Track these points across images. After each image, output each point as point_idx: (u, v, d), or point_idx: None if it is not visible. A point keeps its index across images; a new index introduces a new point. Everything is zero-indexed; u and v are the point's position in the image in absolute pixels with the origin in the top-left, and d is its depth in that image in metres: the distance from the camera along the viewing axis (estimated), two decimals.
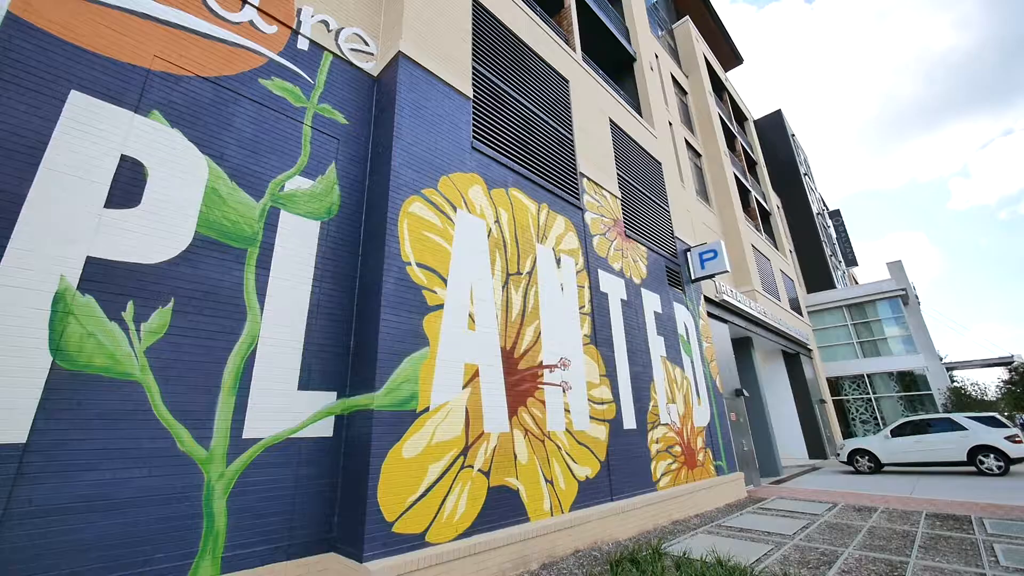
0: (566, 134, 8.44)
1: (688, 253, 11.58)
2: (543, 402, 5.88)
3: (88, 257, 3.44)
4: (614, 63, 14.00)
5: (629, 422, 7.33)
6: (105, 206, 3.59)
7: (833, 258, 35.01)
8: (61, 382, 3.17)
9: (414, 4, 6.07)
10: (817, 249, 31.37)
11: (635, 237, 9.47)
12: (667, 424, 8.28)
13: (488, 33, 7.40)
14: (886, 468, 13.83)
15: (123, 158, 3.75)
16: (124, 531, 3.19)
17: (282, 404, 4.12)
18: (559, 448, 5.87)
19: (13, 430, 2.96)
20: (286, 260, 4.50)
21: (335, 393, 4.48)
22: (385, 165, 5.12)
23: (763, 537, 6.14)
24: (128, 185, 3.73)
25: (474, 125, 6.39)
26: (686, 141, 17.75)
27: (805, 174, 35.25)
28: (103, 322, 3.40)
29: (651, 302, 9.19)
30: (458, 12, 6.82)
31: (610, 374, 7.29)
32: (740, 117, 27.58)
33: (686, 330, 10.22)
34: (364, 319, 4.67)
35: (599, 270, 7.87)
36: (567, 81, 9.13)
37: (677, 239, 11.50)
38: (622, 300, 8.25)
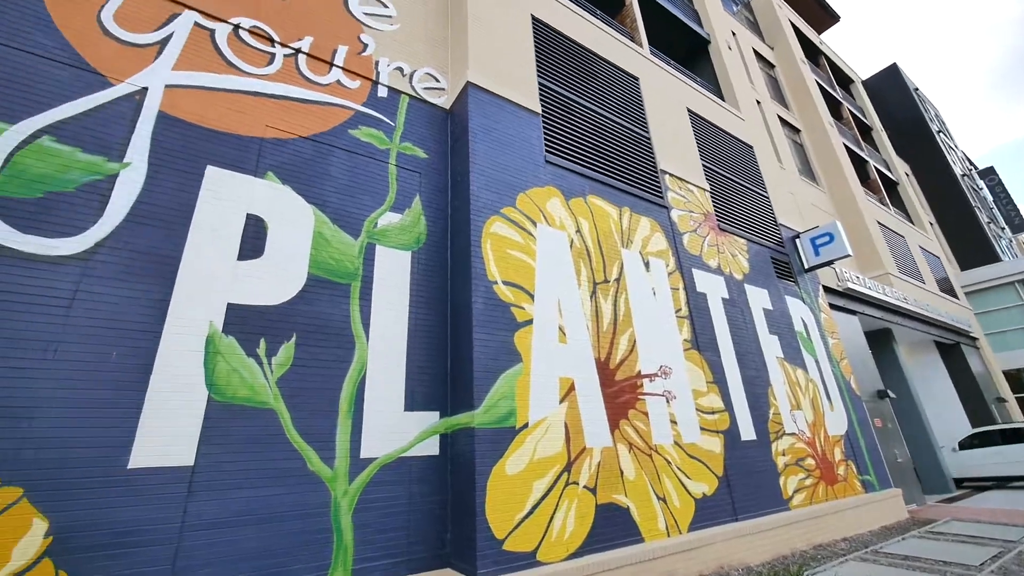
0: (641, 132, 8.12)
1: (797, 240, 10.35)
2: (646, 414, 5.56)
3: (228, 304, 4.02)
4: (687, 50, 13.29)
5: (747, 432, 6.62)
6: (238, 259, 4.20)
7: (992, 225, 28.98)
8: (215, 412, 3.71)
9: (477, 36, 6.35)
10: (968, 217, 26.23)
11: (731, 230, 8.71)
12: (794, 434, 7.33)
13: (550, 47, 7.46)
14: None
15: (248, 216, 4.37)
16: (269, 543, 3.59)
17: (392, 425, 4.39)
18: (669, 463, 5.48)
19: (184, 454, 3.51)
20: (384, 290, 4.85)
21: (438, 413, 4.67)
22: (464, 190, 5.33)
23: (938, 568, 5.07)
24: (253, 239, 4.33)
25: (546, 139, 6.42)
26: (780, 118, 16.11)
27: (939, 132, 29.92)
28: (243, 359, 3.94)
29: (758, 298, 8.32)
30: (520, 34, 6.99)
31: (718, 380, 6.69)
32: (843, 80, 24.42)
33: (804, 326, 9.06)
34: (458, 340, 4.84)
35: (693, 269, 7.34)
36: (636, 78, 8.83)
37: (782, 226, 10.36)
38: (723, 299, 7.58)
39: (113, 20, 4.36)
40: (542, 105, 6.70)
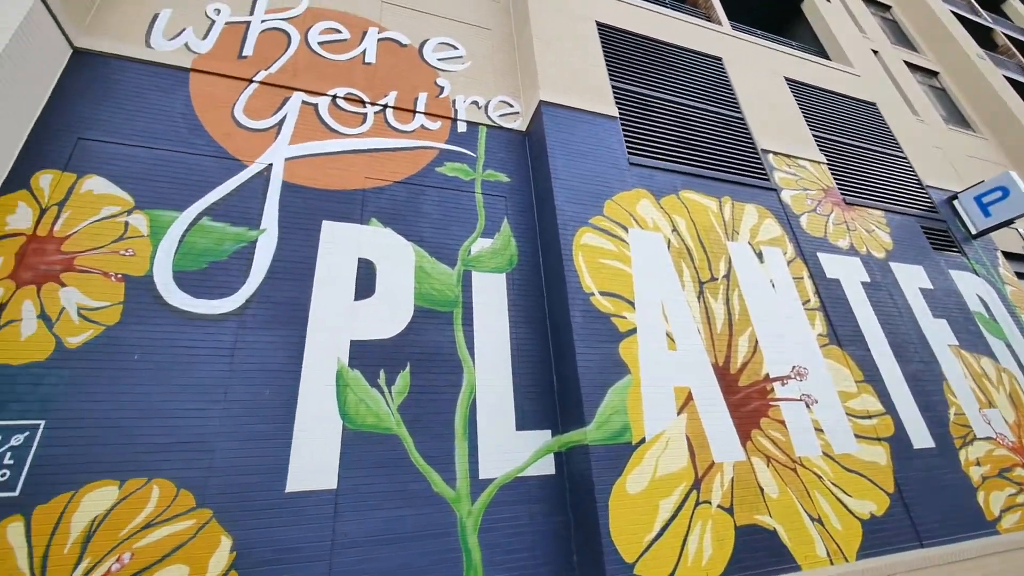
0: (733, 114, 7.47)
1: (956, 202, 8.56)
2: (782, 422, 4.90)
3: (351, 340, 4.46)
4: (777, 13, 12.06)
5: (921, 439, 5.48)
6: (354, 300, 4.66)
7: None
8: (349, 439, 4.09)
9: (543, 55, 6.44)
10: None
11: (861, 202, 7.50)
12: (990, 438, 5.89)
13: (620, 48, 7.28)
14: None
15: (359, 260, 4.85)
16: (408, 562, 3.80)
17: (505, 445, 4.43)
18: (820, 478, 4.73)
19: (328, 479, 3.91)
20: (484, 314, 5.00)
21: (549, 431, 4.62)
22: (549, 206, 5.35)
23: None
24: (365, 280, 4.78)
25: (627, 141, 6.21)
26: (907, 63, 13.72)
27: None
28: (367, 389, 4.31)
29: (911, 277, 6.98)
30: (586, 43, 6.94)
31: (871, 378, 5.67)
32: (992, 1, 20.09)
33: (984, 305, 7.35)
34: (560, 356, 4.78)
35: (818, 254, 6.43)
36: (719, 59, 8.20)
37: (931, 188, 8.67)
38: (863, 283, 6.50)
39: (243, 113, 5.24)
40: (619, 108, 6.52)
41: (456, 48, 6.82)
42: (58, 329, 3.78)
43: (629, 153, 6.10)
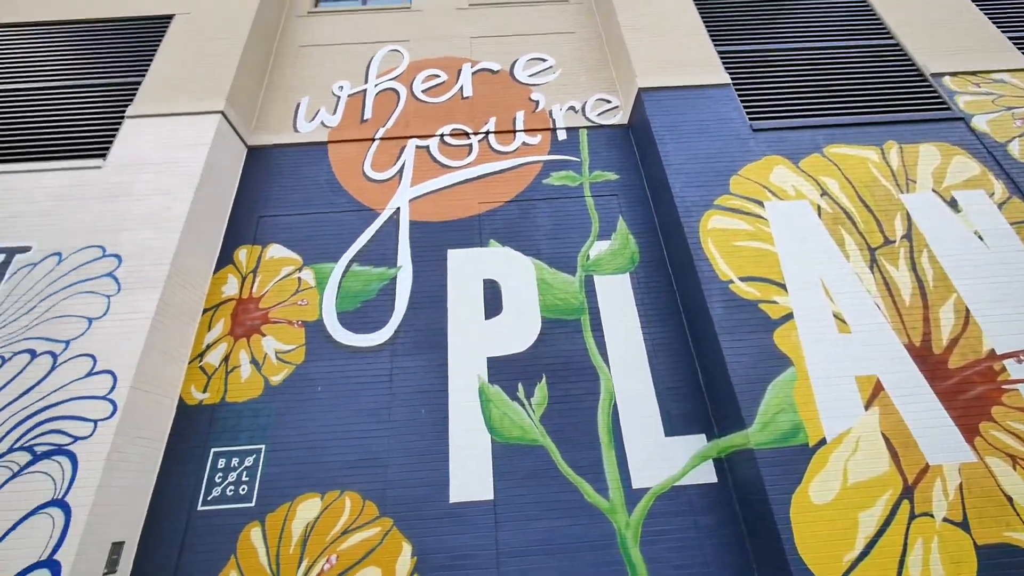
0: (881, 41, 6.20)
1: None
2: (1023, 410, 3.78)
3: (488, 357, 4.68)
4: None
5: None
6: (485, 319, 4.89)
7: None
8: (499, 452, 4.26)
9: (635, 42, 6.14)
10: None
11: None
12: None
13: (719, 8, 6.60)
14: None
15: (484, 281, 5.10)
16: (566, 573, 3.77)
17: (656, 452, 4.18)
18: None
19: (485, 490, 4.11)
20: (612, 317, 4.84)
21: (703, 436, 4.24)
22: (666, 196, 5.01)
23: None
24: (492, 299, 5.00)
25: (746, 107, 5.56)
26: None
27: None
28: (508, 403, 4.46)
29: None
30: (680, 15, 6.45)
31: None
32: None
33: None
34: (704, 352, 4.39)
35: None
36: None
37: None
38: None
39: (371, 168, 5.96)
40: (730, 73, 5.88)
41: (544, 60, 6.90)
42: (264, 371, 4.67)
43: (751, 119, 5.43)
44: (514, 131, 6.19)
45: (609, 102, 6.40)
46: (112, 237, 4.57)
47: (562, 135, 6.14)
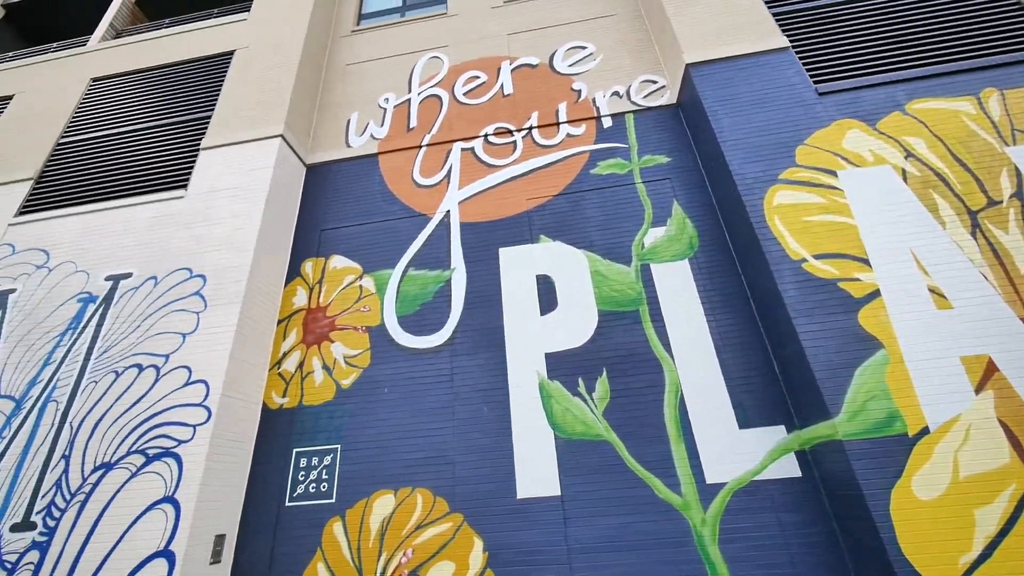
0: None
1: None
2: None
3: (545, 353, 4.66)
4: None
5: None
6: (540, 315, 4.87)
7: None
8: (562, 448, 4.22)
9: (680, 15, 5.84)
10: None
11: None
12: None
13: None
14: None
15: (537, 277, 5.07)
16: (644, 571, 3.67)
17: (730, 446, 3.96)
18: None
19: (552, 486, 4.09)
20: (673, 306, 4.65)
21: (783, 427, 3.96)
22: (724, 175, 4.73)
23: None
24: (547, 295, 4.96)
25: (808, 70, 5.12)
26: None
27: None
28: (569, 398, 4.41)
29: None
30: None
31: None
32: None
33: None
34: (777, 339, 4.10)
35: None
36: None
37: None
38: None
39: (420, 174, 6.12)
40: (788, 35, 5.44)
41: (584, 47, 6.75)
42: (335, 375, 4.94)
43: (816, 82, 5.00)
44: (557, 123, 6.11)
45: (655, 83, 6.14)
46: (196, 259, 5.02)
47: (607, 122, 5.97)
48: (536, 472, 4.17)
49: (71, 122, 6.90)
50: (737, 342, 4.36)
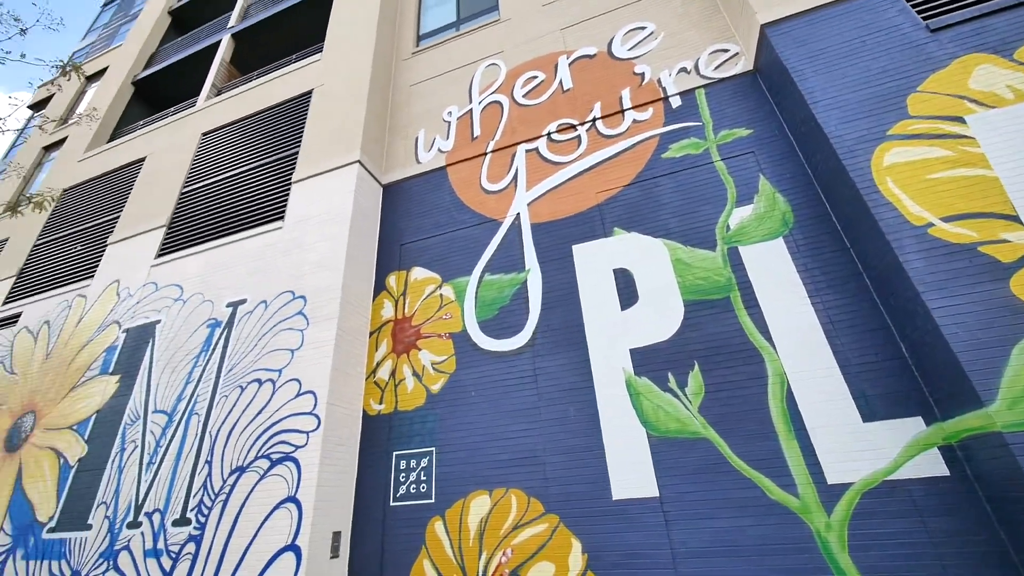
0: None
1: None
2: None
3: (630, 349, 4.49)
4: None
5: None
6: (621, 310, 4.71)
7: None
8: (656, 446, 4.03)
9: None
10: None
11: None
12: None
13: None
14: None
15: (615, 271, 4.92)
16: None
17: (853, 442, 3.52)
18: None
19: (649, 487, 3.92)
20: (769, 289, 4.26)
21: (918, 418, 3.44)
22: (818, 140, 4.25)
23: None
24: (626, 288, 4.79)
25: (915, 6, 4.45)
26: None
27: None
28: (660, 394, 4.21)
29: None
30: None
31: None
32: None
33: None
34: (903, 317, 3.58)
35: None
36: None
37: None
38: None
39: (487, 181, 6.23)
40: None
41: (643, 27, 6.46)
42: (425, 381, 5.17)
43: (925, 18, 4.32)
44: (622, 111, 5.90)
45: (727, 51, 5.70)
46: (297, 282, 5.54)
47: (676, 102, 5.65)
48: (631, 472, 4.03)
49: (189, 173, 7.99)
50: (852, 324, 3.87)
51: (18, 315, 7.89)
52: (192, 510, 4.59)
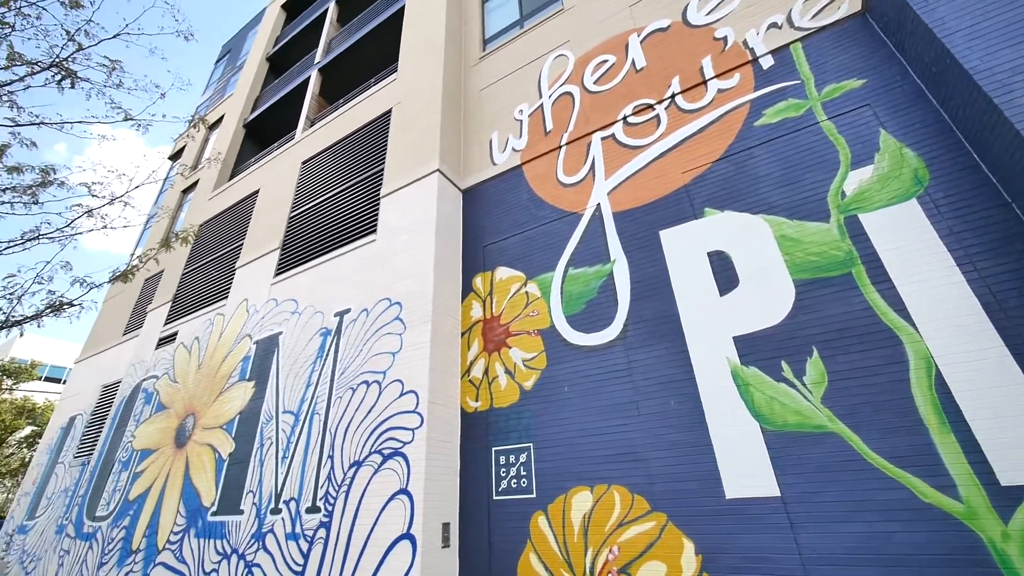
0: None
1: None
2: None
3: (733, 337, 4.16)
4: None
5: None
6: (720, 295, 4.38)
7: None
8: (773, 441, 3.68)
9: None
10: None
11: None
12: None
13: None
14: None
15: (709, 255, 4.59)
16: None
17: None
18: None
19: (767, 485, 3.60)
20: (903, 260, 3.68)
21: None
22: (958, 78, 3.58)
23: None
24: (723, 272, 4.45)
25: None
26: None
27: None
28: (773, 385, 3.84)
29: None
30: None
31: None
32: None
33: None
34: None
35: None
36: None
37: None
38: None
39: (563, 174, 6.15)
40: None
41: None
42: (518, 378, 5.25)
43: None
44: (704, 82, 5.49)
45: None
46: (392, 290, 5.92)
47: (767, 62, 5.12)
48: (745, 469, 3.73)
49: (295, 198, 8.92)
50: (1023, 294, 3.21)
51: (175, 334, 9.42)
52: (321, 499, 5.11)
